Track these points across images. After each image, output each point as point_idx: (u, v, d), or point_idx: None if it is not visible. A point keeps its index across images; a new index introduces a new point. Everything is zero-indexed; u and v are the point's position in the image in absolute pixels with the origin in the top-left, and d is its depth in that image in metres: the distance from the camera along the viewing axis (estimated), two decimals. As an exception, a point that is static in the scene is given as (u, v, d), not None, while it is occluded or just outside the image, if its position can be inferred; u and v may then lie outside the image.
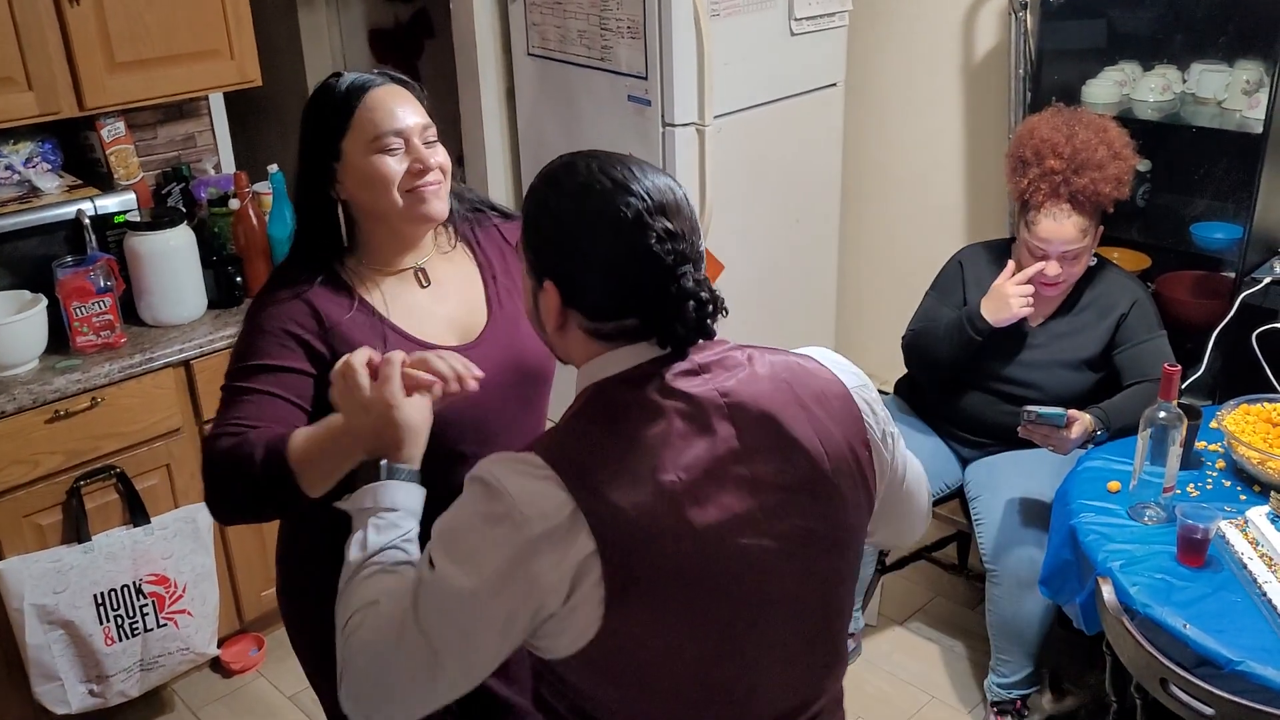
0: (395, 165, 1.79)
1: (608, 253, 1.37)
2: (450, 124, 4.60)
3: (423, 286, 1.91)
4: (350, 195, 1.83)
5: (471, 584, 1.32)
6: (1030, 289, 2.95)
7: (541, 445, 1.38)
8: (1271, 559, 2.30)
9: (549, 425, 1.48)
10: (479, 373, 1.61)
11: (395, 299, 1.88)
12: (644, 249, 1.35)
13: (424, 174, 1.80)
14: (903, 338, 3.24)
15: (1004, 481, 3.05)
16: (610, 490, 1.32)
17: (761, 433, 1.41)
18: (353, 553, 1.49)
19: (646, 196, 1.37)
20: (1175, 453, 2.46)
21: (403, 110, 1.81)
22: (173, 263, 3.15)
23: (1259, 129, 3.09)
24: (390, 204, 1.80)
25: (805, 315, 4.43)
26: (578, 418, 1.41)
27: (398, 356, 1.56)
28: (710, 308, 1.39)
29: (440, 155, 1.84)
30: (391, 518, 1.50)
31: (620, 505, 1.31)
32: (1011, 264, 3.02)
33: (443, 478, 1.58)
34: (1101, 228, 3.00)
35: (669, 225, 1.37)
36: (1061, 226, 2.91)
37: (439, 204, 1.85)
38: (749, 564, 1.38)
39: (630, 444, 1.36)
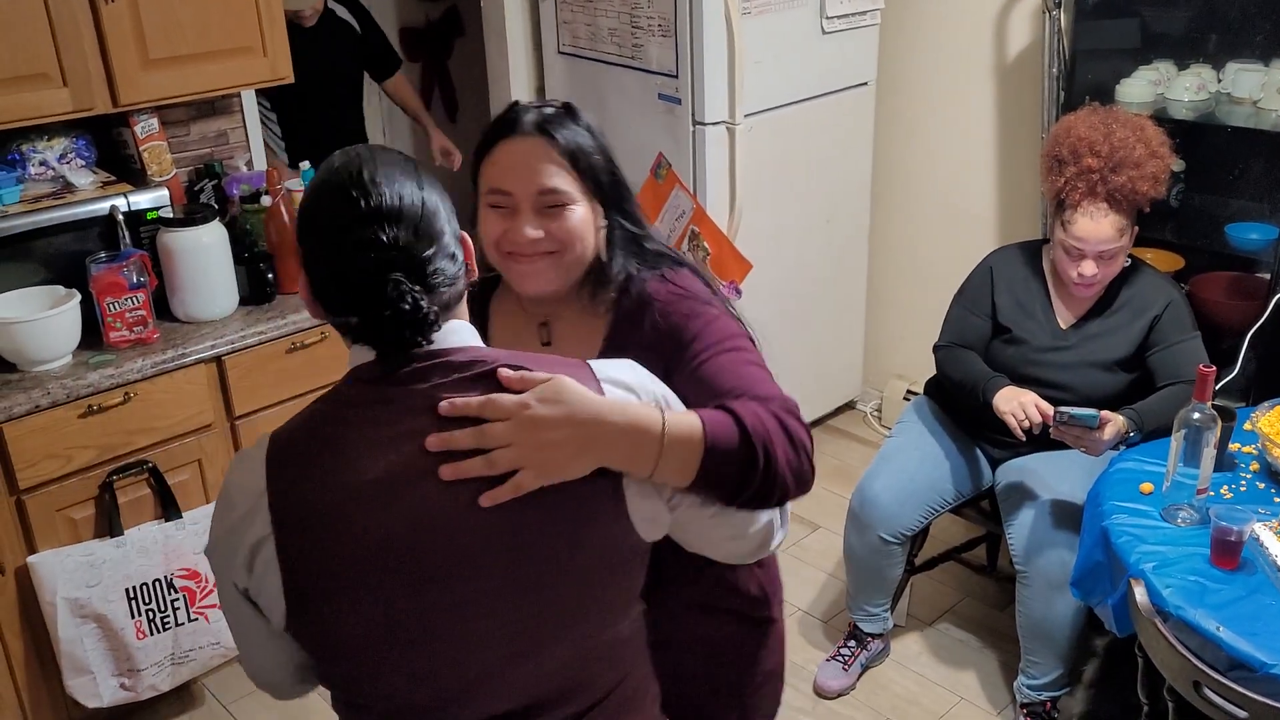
0: (496, 224, 1.70)
1: (320, 249, 1.40)
2: (481, 122, 4.61)
3: (544, 343, 1.81)
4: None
5: (210, 564, 1.48)
6: (1029, 421, 2.89)
7: (282, 425, 1.44)
8: (1307, 562, 2.28)
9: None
10: None
11: (512, 343, 1.80)
12: (348, 250, 1.36)
13: (517, 247, 1.69)
14: (934, 349, 3.24)
15: (1035, 483, 3.04)
16: (301, 481, 1.36)
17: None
18: None
19: (367, 199, 1.36)
20: (1209, 454, 2.44)
21: (522, 169, 1.67)
22: (205, 259, 3.17)
23: (1295, 129, 3.07)
24: (492, 259, 1.73)
25: (835, 315, 4.43)
26: (314, 405, 1.44)
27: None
28: (413, 321, 1.35)
29: (564, 222, 1.68)
30: None
31: (306, 498, 1.35)
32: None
33: None
34: (1136, 228, 2.98)
35: (382, 233, 1.35)
36: (1099, 226, 2.89)
37: (533, 284, 1.74)
38: (448, 558, 1.36)
39: (336, 441, 1.37)
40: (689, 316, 1.71)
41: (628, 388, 1.45)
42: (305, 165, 3.39)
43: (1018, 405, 2.89)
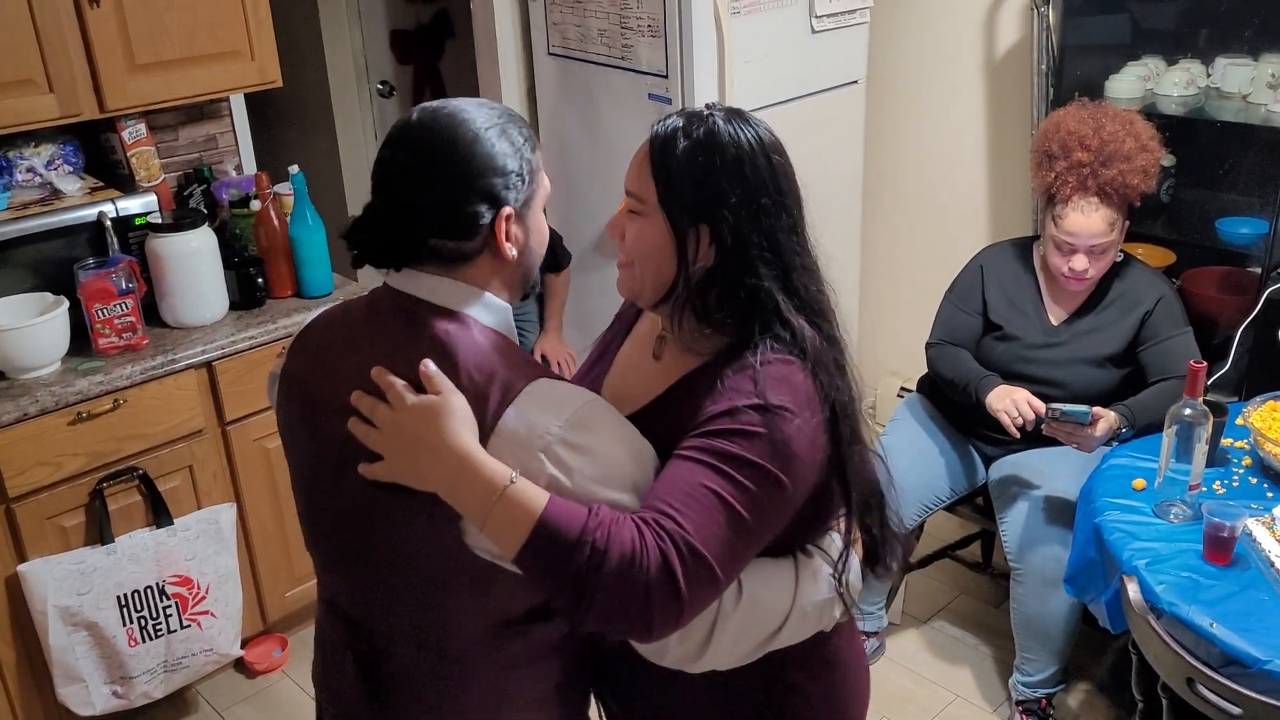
0: None
1: None
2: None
3: (655, 355, 1.67)
4: None
5: None
6: (1023, 418, 2.90)
7: (347, 300, 1.65)
8: (1299, 557, 2.28)
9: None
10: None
11: (643, 340, 1.73)
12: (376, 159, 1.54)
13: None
14: (926, 347, 3.23)
15: (1028, 479, 3.03)
16: (305, 349, 1.63)
17: (394, 365, 1.48)
18: None
19: (404, 127, 1.51)
20: (1201, 450, 2.44)
21: (630, 166, 1.61)
22: (194, 264, 3.16)
23: (1285, 123, 3.07)
24: None
25: (827, 313, 4.41)
26: (360, 297, 1.63)
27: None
28: (358, 239, 1.51)
29: (630, 230, 1.59)
30: None
31: (300, 365, 1.62)
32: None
33: None
34: (1127, 222, 2.98)
35: (392, 156, 1.50)
36: (1090, 220, 2.89)
37: (620, 283, 1.64)
38: (329, 478, 1.56)
39: (335, 334, 1.61)
40: (722, 405, 1.48)
41: (529, 426, 1.43)
42: (294, 169, 3.37)
43: (1010, 403, 2.89)
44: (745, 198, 1.52)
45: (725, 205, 1.51)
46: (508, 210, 1.50)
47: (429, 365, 1.44)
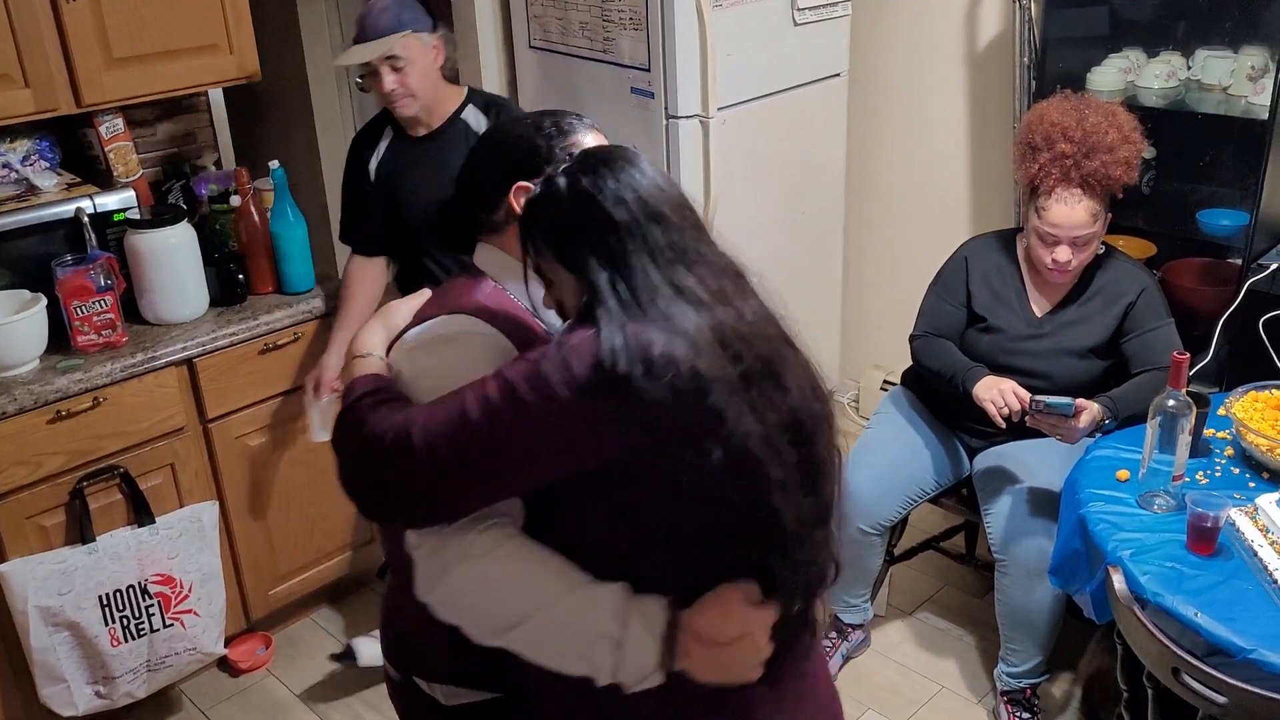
0: None
1: None
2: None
3: None
4: None
5: None
6: (1009, 408, 2.89)
7: None
8: (1283, 547, 2.28)
9: None
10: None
11: None
12: None
13: None
14: (910, 339, 3.23)
15: (1013, 471, 3.04)
16: None
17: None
18: None
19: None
20: (1184, 441, 2.44)
21: None
22: (174, 260, 3.14)
23: (1265, 115, 3.07)
24: None
25: (811, 307, 4.41)
26: None
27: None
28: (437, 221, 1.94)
29: None
30: None
31: None
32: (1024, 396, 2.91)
33: None
34: (1110, 214, 2.98)
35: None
36: (1073, 211, 2.89)
37: None
38: None
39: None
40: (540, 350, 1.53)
41: (413, 336, 1.72)
42: (274, 164, 3.35)
43: (997, 393, 2.89)
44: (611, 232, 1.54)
45: (585, 258, 1.53)
46: (520, 183, 1.76)
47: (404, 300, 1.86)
